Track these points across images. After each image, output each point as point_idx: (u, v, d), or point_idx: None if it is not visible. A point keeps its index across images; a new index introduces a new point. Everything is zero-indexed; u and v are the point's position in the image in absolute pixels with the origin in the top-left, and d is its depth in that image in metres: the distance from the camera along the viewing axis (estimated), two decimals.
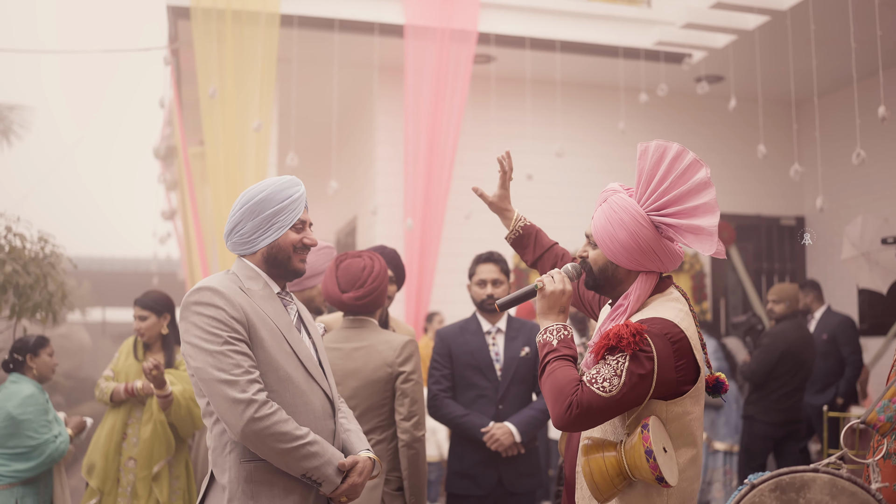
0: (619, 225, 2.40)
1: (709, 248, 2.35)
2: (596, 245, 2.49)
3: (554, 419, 2.26)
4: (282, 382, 2.50)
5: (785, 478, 2.16)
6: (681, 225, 2.38)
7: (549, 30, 8.19)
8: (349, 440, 2.69)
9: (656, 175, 2.42)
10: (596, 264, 2.49)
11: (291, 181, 2.63)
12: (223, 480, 2.47)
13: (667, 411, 2.32)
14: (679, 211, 2.39)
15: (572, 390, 2.22)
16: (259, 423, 2.36)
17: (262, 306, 2.54)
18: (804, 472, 2.16)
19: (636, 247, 2.39)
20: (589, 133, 9.18)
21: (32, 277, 5.85)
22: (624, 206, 2.42)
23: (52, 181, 40.59)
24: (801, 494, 2.14)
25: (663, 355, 2.25)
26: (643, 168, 2.44)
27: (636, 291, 2.42)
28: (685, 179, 2.39)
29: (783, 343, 6.11)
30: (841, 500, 2.10)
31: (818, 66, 7.39)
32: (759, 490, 2.18)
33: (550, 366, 2.32)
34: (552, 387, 2.27)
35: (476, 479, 4.05)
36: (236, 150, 7.52)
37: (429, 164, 7.91)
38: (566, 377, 2.27)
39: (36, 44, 57.55)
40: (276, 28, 7.52)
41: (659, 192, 2.40)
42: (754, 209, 9.70)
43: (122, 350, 4.93)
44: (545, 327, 2.42)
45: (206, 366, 2.39)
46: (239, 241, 2.60)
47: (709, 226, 2.36)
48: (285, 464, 2.42)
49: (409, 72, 7.88)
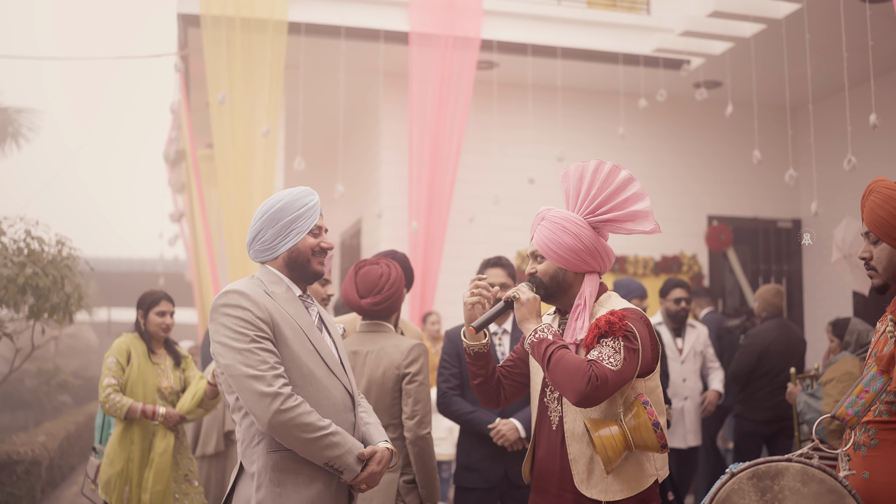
0: (562, 231, 2.74)
1: (648, 224, 2.73)
2: (542, 258, 2.80)
3: (575, 395, 2.51)
4: (305, 378, 2.68)
5: (761, 467, 2.36)
6: (618, 216, 2.74)
7: (550, 37, 8.36)
8: (368, 432, 2.87)
9: (582, 187, 2.78)
10: (546, 274, 2.79)
11: (306, 191, 2.82)
12: (252, 469, 2.65)
13: (645, 386, 2.70)
14: (612, 206, 2.74)
15: (587, 368, 2.51)
16: (285, 414, 2.54)
17: (286, 308, 2.73)
18: (779, 462, 2.35)
19: (581, 247, 2.73)
20: (589, 138, 9.33)
21: (50, 279, 6.02)
22: (562, 216, 2.77)
23: (59, 183, 40.71)
24: (775, 481, 2.33)
25: (643, 335, 2.64)
26: (568, 186, 2.82)
27: (588, 289, 2.75)
28: (609, 182, 2.74)
29: (761, 344, 6.28)
30: (811, 486, 2.28)
31: (812, 73, 7.55)
32: (738, 478, 2.37)
33: (556, 355, 2.58)
34: (566, 370, 2.54)
35: (483, 472, 4.23)
36: (245, 154, 7.67)
37: (433, 167, 8.06)
38: (576, 359, 2.55)
39: (40, 50, 57.64)
40: (283, 35, 7.67)
41: (589, 198, 2.76)
42: (751, 212, 9.86)
43: (120, 354, 4.63)
44: (533, 328, 2.69)
45: (235, 363, 2.58)
46: (261, 248, 2.79)
47: (643, 208, 2.73)
48: (309, 453, 2.60)
49: (413, 78, 8.04)
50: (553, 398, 2.78)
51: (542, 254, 2.79)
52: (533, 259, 2.84)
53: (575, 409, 2.68)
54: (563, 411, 2.73)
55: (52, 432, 8.95)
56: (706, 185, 9.69)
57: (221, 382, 2.69)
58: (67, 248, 6.30)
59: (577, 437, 2.68)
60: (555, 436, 2.75)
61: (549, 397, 2.80)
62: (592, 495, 2.62)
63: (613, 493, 2.62)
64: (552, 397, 2.79)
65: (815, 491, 2.27)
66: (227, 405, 2.73)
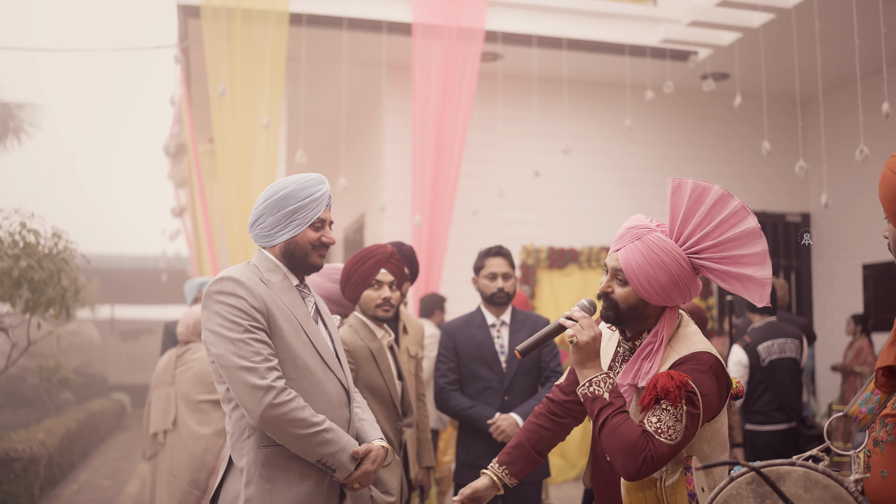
0: (659, 267, 2.35)
1: (760, 299, 2.37)
2: (626, 282, 2.41)
3: (626, 473, 2.26)
4: (299, 371, 2.57)
5: (762, 471, 2.22)
6: (722, 271, 2.37)
7: (555, 28, 8.25)
8: (363, 429, 2.76)
9: (696, 214, 2.38)
10: (626, 302, 2.41)
11: (315, 179, 2.69)
12: (241, 464, 2.54)
13: (710, 430, 2.40)
14: (727, 259, 2.36)
15: (643, 445, 2.24)
16: (277, 408, 2.43)
17: (282, 298, 2.62)
18: (780, 466, 2.19)
19: (674, 286, 2.37)
20: (595, 130, 9.23)
21: (46, 273, 5.92)
22: (664, 247, 2.36)
23: (60, 179, 40.72)
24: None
25: (709, 391, 2.30)
26: (678, 205, 2.40)
27: (666, 328, 2.41)
28: (731, 225, 2.36)
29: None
30: (814, 492, 2.12)
31: (823, 64, 7.43)
32: (736, 483, 2.22)
33: (610, 421, 2.30)
34: (621, 444, 2.26)
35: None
36: (246, 147, 7.59)
37: (436, 161, 7.97)
38: (632, 432, 2.26)
39: (38, 43, 57.72)
40: (285, 26, 7.59)
41: (703, 233, 2.37)
42: (760, 206, 9.74)
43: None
44: (589, 379, 2.35)
45: (227, 353, 2.47)
46: (260, 233, 2.68)
47: (761, 277, 2.35)
48: (301, 449, 2.49)
49: (416, 70, 7.94)
50: None
51: (626, 278, 2.39)
52: (611, 276, 2.44)
53: None
54: None
55: (51, 430, 8.86)
56: (714, 178, 9.47)
57: (212, 372, 2.58)
58: (64, 242, 6.21)
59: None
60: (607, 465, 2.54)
61: None
62: None
63: None
64: None
65: (817, 497, 2.13)
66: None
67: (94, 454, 11.76)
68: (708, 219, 2.36)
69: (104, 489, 9.07)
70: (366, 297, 3.63)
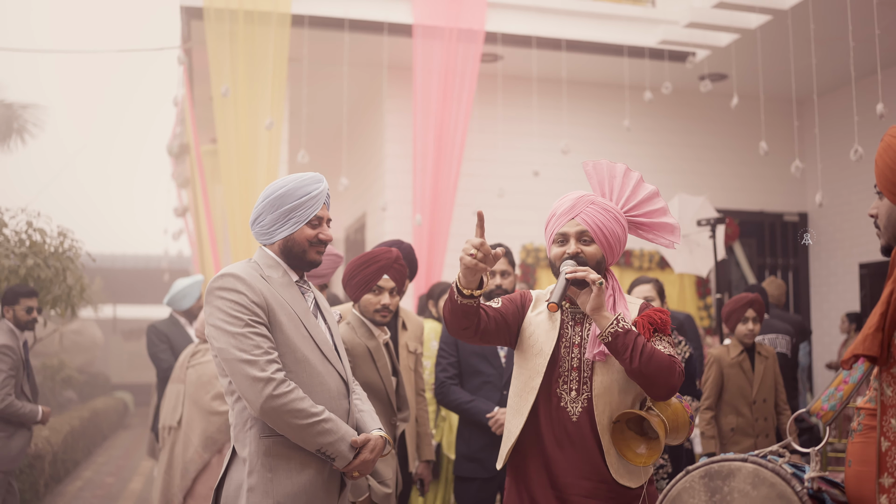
0: (614, 220, 2.70)
1: (676, 238, 2.77)
2: (591, 241, 2.68)
3: (667, 390, 2.55)
4: (299, 364, 2.65)
5: (715, 465, 2.25)
6: (650, 223, 2.77)
7: (555, 29, 8.32)
8: (362, 420, 2.84)
9: (615, 185, 2.78)
10: (594, 259, 2.66)
11: (313, 178, 2.77)
12: (244, 454, 2.63)
13: None
14: (646, 212, 2.77)
15: (673, 361, 2.56)
16: (277, 399, 2.52)
17: (282, 293, 2.70)
18: (733, 461, 2.23)
19: (623, 240, 2.73)
20: (594, 131, 9.30)
21: (52, 271, 6.02)
22: (611, 205, 2.74)
23: (63, 180, 40.80)
24: (726, 482, 2.22)
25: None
26: (601, 179, 2.81)
27: (613, 283, 2.74)
28: (638, 189, 2.77)
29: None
30: (761, 490, 2.16)
31: (818, 65, 7.50)
32: (690, 476, 2.29)
33: (648, 348, 2.53)
34: (662, 365, 2.53)
35: (482, 462, 4.20)
36: (248, 147, 7.65)
37: (437, 161, 8.03)
38: (664, 354, 2.57)
39: (39, 44, 57.76)
40: (287, 28, 7.65)
41: (625, 197, 2.77)
42: (758, 205, 9.81)
43: None
44: (615, 318, 2.53)
45: (229, 346, 2.56)
46: (260, 230, 2.77)
47: (673, 222, 2.77)
48: (301, 439, 2.58)
49: (417, 71, 8.01)
50: (568, 389, 2.64)
51: (592, 236, 2.67)
52: (577, 239, 2.67)
53: (605, 400, 2.60)
54: (592, 403, 2.61)
55: (56, 427, 8.95)
56: (712, 178, 9.63)
57: (216, 365, 2.68)
58: (69, 240, 6.30)
59: (605, 428, 2.61)
60: (576, 427, 2.62)
61: (561, 388, 2.65)
62: (626, 482, 2.59)
63: (639, 478, 2.63)
64: (566, 388, 2.64)
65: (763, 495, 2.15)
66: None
67: (97, 452, 11.86)
68: (624, 185, 2.77)
69: (108, 486, 9.16)
70: (365, 300, 3.70)
